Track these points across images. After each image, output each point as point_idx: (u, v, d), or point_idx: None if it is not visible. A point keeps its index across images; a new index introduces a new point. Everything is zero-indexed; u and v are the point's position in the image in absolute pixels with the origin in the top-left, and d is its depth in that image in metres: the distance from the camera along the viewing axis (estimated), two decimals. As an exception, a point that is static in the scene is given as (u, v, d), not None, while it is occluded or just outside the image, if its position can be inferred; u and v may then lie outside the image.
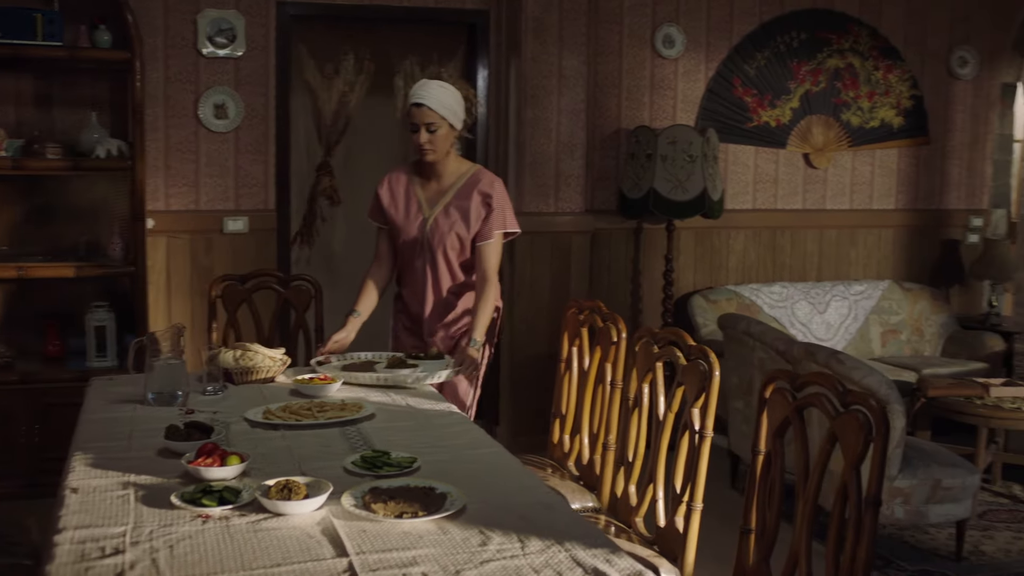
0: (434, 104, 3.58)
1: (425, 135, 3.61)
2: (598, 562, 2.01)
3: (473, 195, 3.71)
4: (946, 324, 6.05)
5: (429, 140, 3.61)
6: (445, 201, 3.73)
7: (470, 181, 3.75)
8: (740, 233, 5.98)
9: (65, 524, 2.11)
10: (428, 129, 3.60)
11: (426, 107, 3.58)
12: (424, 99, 3.58)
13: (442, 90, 3.62)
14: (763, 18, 5.84)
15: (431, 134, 3.61)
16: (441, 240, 3.72)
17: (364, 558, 1.97)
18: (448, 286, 3.77)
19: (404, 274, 3.87)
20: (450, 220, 3.71)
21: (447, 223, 3.71)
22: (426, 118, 3.59)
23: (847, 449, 2.37)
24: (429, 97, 3.59)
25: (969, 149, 6.37)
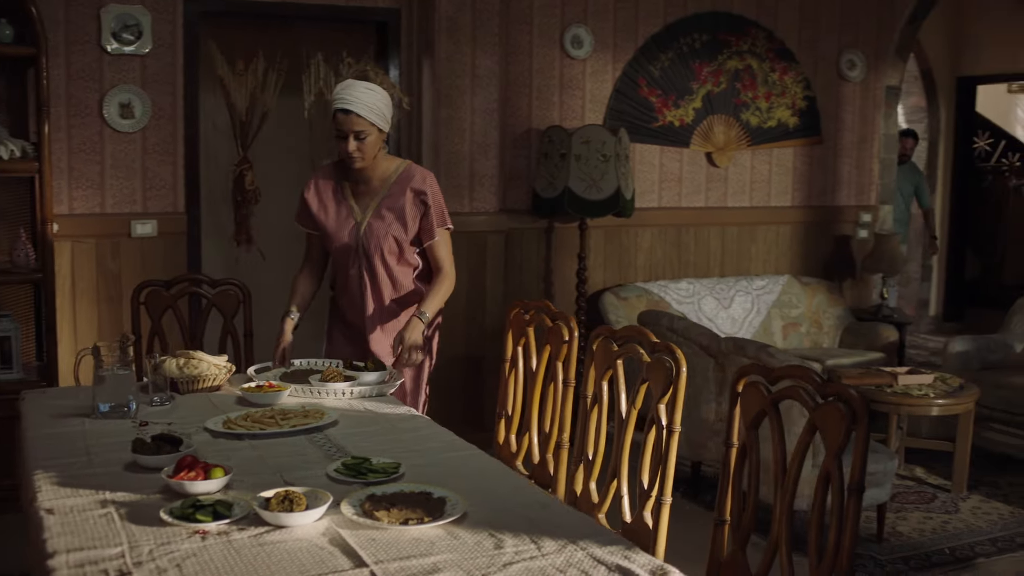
0: (362, 111, 3.36)
1: (353, 143, 3.38)
2: (618, 559, 2.02)
3: (406, 193, 3.54)
4: (842, 316, 6.31)
5: (358, 148, 3.40)
6: (377, 202, 3.56)
7: (401, 178, 3.57)
8: (647, 231, 6.10)
9: (55, 547, 1.99)
10: (357, 137, 3.38)
11: (354, 115, 3.36)
12: (352, 105, 3.35)
13: (369, 93, 3.40)
14: (667, 20, 5.97)
15: (360, 142, 3.39)
16: (377, 245, 3.55)
17: (384, 567, 1.93)
18: (389, 293, 3.61)
19: (339, 281, 3.71)
20: (385, 223, 3.54)
21: (382, 226, 3.54)
22: (355, 126, 3.37)
23: (829, 439, 2.44)
24: (357, 103, 3.36)
25: (858, 148, 6.65)
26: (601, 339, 3.18)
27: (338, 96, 3.39)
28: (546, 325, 3.47)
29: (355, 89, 3.39)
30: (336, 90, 3.43)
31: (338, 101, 3.39)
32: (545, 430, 3.42)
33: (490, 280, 5.44)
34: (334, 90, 3.46)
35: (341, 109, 3.37)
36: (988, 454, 5.41)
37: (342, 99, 3.37)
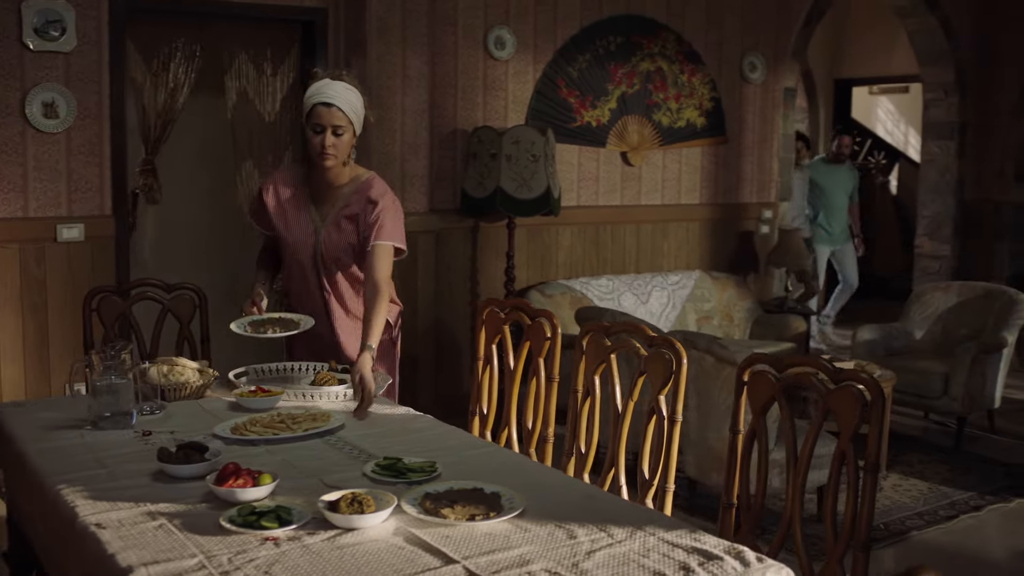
0: (344, 106, 3.32)
1: (331, 138, 3.32)
2: (689, 541, 2.10)
3: (364, 202, 3.47)
4: (751, 309, 6.57)
5: (334, 144, 3.33)
6: (336, 211, 3.47)
7: (361, 188, 3.48)
8: (567, 229, 6.21)
9: (129, 562, 1.93)
10: (335, 132, 3.32)
11: (335, 107, 3.30)
12: (334, 99, 3.30)
13: (349, 92, 3.36)
14: (584, 22, 6.09)
15: (336, 137, 3.33)
16: (335, 256, 3.48)
17: (475, 562, 1.95)
18: (352, 300, 3.54)
19: (296, 290, 3.62)
20: (342, 233, 3.46)
21: (340, 237, 3.46)
22: (335, 119, 3.31)
23: (844, 421, 2.58)
24: (339, 98, 3.31)
25: (759, 147, 6.93)
26: (592, 334, 3.26)
27: (318, 91, 3.34)
28: (524, 323, 3.53)
29: (336, 86, 3.35)
30: (314, 88, 3.37)
31: (317, 95, 3.32)
32: (528, 426, 3.47)
33: (422, 281, 5.45)
34: (309, 89, 3.39)
35: (322, 102, 3.31)
36: (895, 435, 5.73)
37: (323, 93, 3.32)
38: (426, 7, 5.35)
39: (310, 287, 3.57)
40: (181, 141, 5.18)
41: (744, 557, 2.02)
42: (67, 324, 4.73)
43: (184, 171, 5.21)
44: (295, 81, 5.37)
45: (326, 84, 3.36)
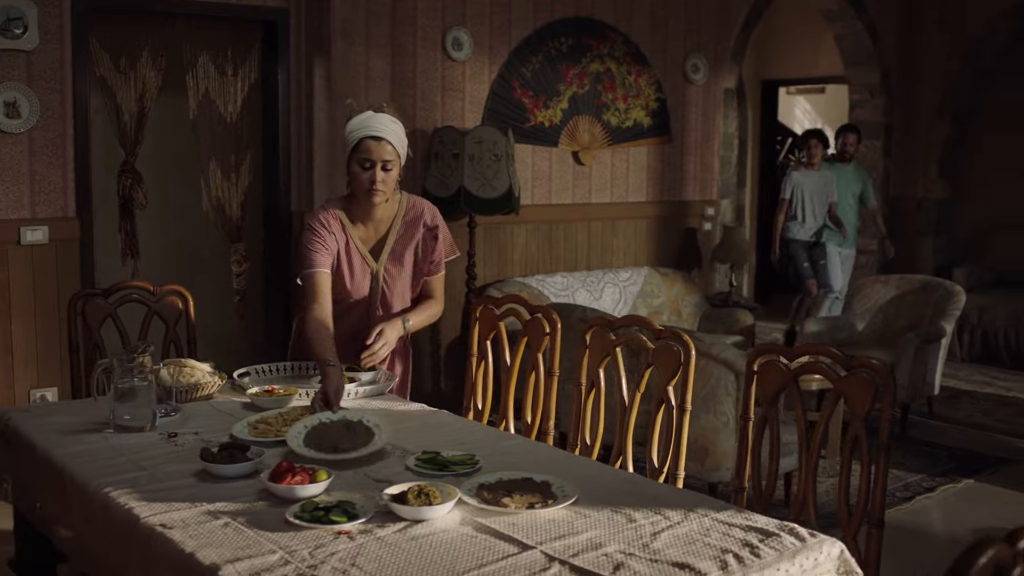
0: (393, 139, 3.22)
1: (380, 173, 3.21)
2: (742, 520, 2.21)
3: (418, 231, 3.44)
4: (699, 304, 6.75)
5: (384, 180, 3.23)
6: (390, 247, 3.41)
7: (410, 216, 3.43)
8: (522, 228, 6.29)
9: (212, 559, 1.95)
10: (384, 167, 3.22)
11: (386, 142, 3.20)
12: (384, 133, 3.20)
13: (395, 125, 3.26)
14: (537, 24, 6.18)
15: (386, 172, 3.22)
16: (394, 290, 3.45)
17: (551, 547, 2.02)
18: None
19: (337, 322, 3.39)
20: (402, 267, 3.43)
21: (400, 271, 3.43)
22: (385, 154, 3.21)
23: (856, 405, 2.73)
24: (387, 131, 3.21)
25: (701, 147, 7.12)
26: (596, 328, 3.35)
27: (364, 124, 3.23)
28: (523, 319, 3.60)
29: (382, 119, 3.24)
30: (358, 120, 3.26)
31: (365, 129, 3.22)
32: (527, 420, 3.54)
33: (385, 280, 5.47)
34: (351, 122, 3.29)
35: (372, 136, 3.21)
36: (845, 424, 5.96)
37: (370, 127, 3.22)
38: (388, 8, 5.38)
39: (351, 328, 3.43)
40: (152, 143, 5.11)
41: (798, 533, 2.14)
42: (32, 328, 4.63)
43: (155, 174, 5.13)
44: (256, 81, 5.34)
45: (371, 117, 3.26)
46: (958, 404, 6.52)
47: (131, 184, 5.04)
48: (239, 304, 5.37)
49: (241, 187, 5.33)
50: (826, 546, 2.11)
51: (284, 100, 5.32)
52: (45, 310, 4.69)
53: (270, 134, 5.35)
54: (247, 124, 5.33)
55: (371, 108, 3.31)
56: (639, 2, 6.63)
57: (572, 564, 1.95)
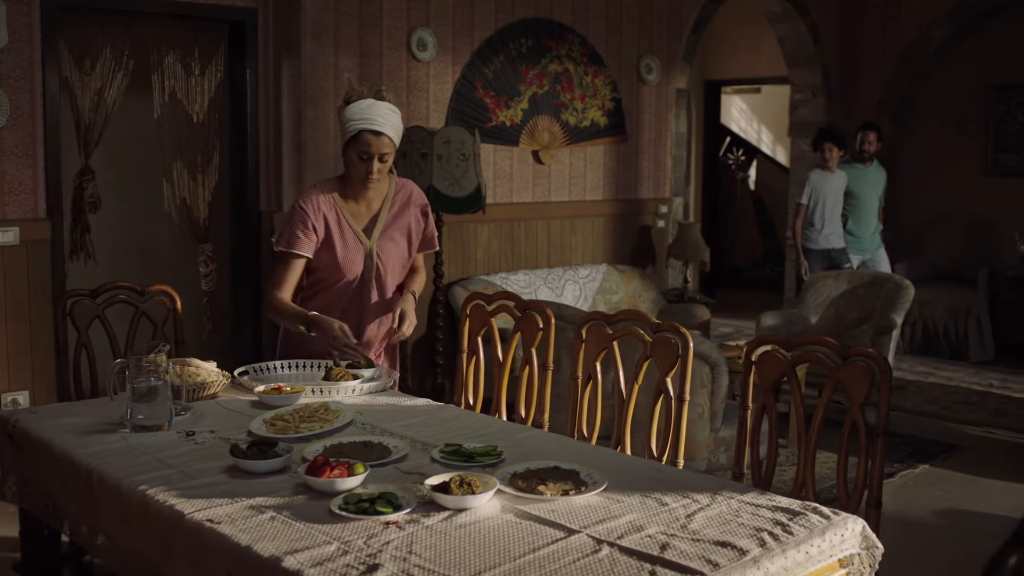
0: (391, 132, 3.31)
1: (377, 164, 3.32)
2: (766, 501, 2.32)
3: (410, 210, 3.55)
4: (656, 300, 6.89)
5: (380, 170, 3.34)
6: (382, 224, 3.49)
7: (401, 196, 3.54)
8: (485, 226, 6.36)
9: (270, 552, 2.00)
10: (381, 159, 3.32)
11: (386, 137, 3.29)
12: (383, 127, 3.28)
13: (393, 115, 3.34)
14: (498, 24, 6.26)
15: (382, 163, 3.33)
16: (388, 266, 3.52)
17: (595, 530, 2.11)
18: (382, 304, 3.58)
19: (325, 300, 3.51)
20: (395, 244, 3.51)
21: (393, 248, 3.51)
22: (383, 148, 3.30)
23: (854, 392, 2.86)
24: (387, 124, 3.29)
25: (654, 146, 7.27)
26: (592, 323, 3.44)
27: (363, 116, 3.28)
28: (515, 315, 3.68)
29: (381, 108, 3.30)
30: (357, 108, 3.30)
31: (365, 121, 3.27)
32: (521, 413, 3.61)
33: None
34: (350, 107, 3.32)
35: (372, 130, 3.27)
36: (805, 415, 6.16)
37: (370, 120, 3.27)
38: (357, 9, 5.41)
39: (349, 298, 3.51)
40: (113, 143, 5.05)
41: (822, 512, 2.26)
42: (2, 331, 4.57)
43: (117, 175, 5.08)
44: (223, 81, 5.32)
45: (371, 106, 3.30)
46: (905, 394, 6.77)
47: (86, 186, 4.98)
48: (207, 305, 5.35)
49: (208, 187, 5.31)
50: (849, 523, 2.23)
51: (252, 100, 5.31)
52: (16, 312, 4.63)
53: (238, 134, 5.34)
54: (214, 124, 5.32)
55: (371, 93, 3.36)
56: (595, 4, 6.76)
57: (620, 546, 2.03)
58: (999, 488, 5.03)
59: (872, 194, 7.34)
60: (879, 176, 7.47)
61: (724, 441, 4.65)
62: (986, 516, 4.70)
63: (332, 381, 3.26)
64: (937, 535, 4.40)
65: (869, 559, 2.25)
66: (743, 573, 1.93)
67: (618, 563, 1.95)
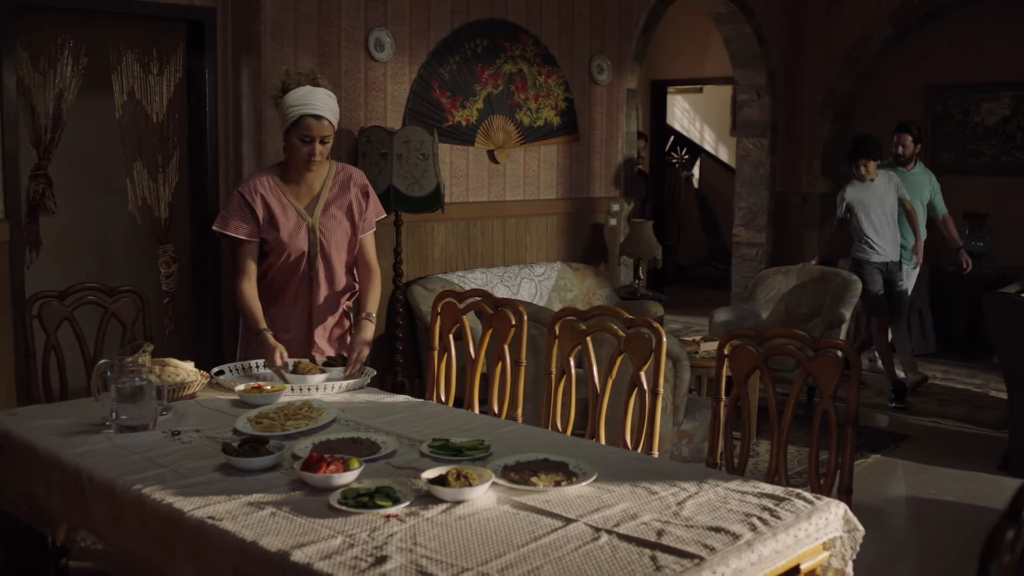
0: (331, 116, 3.54)
1: (319, 147, 3.54)
2: (751, 488, 2.41)
3: (351, 189, 3.73)
4: (609, 297, 6.99)
5: (321, 152, 3.56)
6: (323, 202, 3.68)
7: (340, 176, 3.74)
8: (442, 225, 6.40)
9: (277, 546, 2.04)
10: (322, 141, 3.54)
11: (326, 120, 3.52)
12: (323, 111, 3.51)
13: (330, 99, 3.58)
14: (454, 25, 6.29)
15: (323, 146, 3.55)
16: (331, 244, 3.67)
17: (592, 518, 2.18)
18: (333, 290, 3.73)
19: (274, 286, 3.69)
20: (336, 221, 3.68)
21: (335, 224, 3.67)
22: (324, 131, 3.53)
23: (825, 383, 2.97)
24: (326, 108, 3.52)
25: (606, 145, 7.37)
26: (565, 319, 3.51)
27: (303, 101, 3.48)
28: (486, 312, 3.73)
29: (320, 94, 3.51)
30: (296, 95, 3.50)
31: (306, 107, 3.48)
32: (494, 409, 3.67)
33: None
34: (290, 95, 3.52)
35: (313, 115, 3.49)
36: (755, 407, 6.30)
37: (311, 105, 3.47)
38: (315, 8, 5.41)
39: (298, 281, 3.67)
40: (71, 144, 5.00)
41: (805, 497, 2.35)
42: (-38, 335, 4.50)
43: (75, 175, 5.03)
44: (182, 81, 5.29)
45: (310, 92, 3.51)
46: (853, 386, 6.93)
47: (41, 188, 4.92)
48: (168, 306, 5.32)
49: (169, 187, 5.28)
50: (832, 507, 2.33)
51: (211, 100, 5.29)
52: (-24, 315, 4.56)
53: (197, 134, 5.31)
54: (174, 124, 5.28)
55: (308, 81, 3.56)
56: (548, 5, 6.83)
57: (619, 533, 2.10)
58: (948, 475, 5.21)
59: (915, 199, 6.89)
60: (922, 179, 7.05)
61: (686, 434, 4.75)
62: (938, 502, 4.87)
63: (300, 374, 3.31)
64: (894, 521, 4.55)
65: (851, 541, 2.35)
66: (739, 556, 2.01)
67: (619, 549, 2.02)
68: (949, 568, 4.09)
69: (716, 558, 1.98)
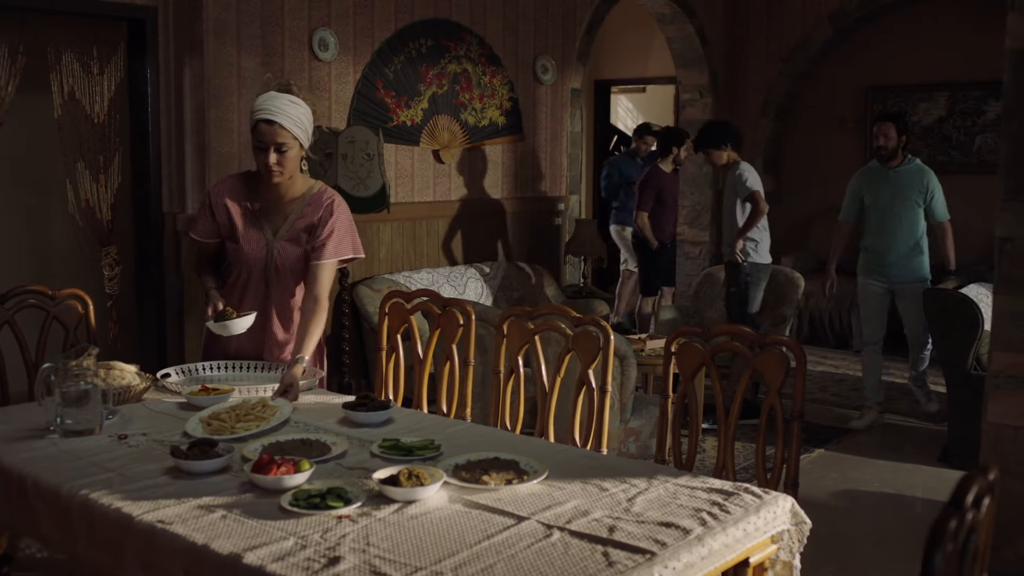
0: (287, 123, 3.29)
1: (274, 156, 3.30)
2: (700, 484, 2.44)
3: (318, 215, 3.48)
4: (556, 296, 7.02)
5: (278, 161, 3.32)
6: (289, 224, 3.48)
7: (314, 200, 3.49)
8: (387, 225, 6.38)
9: (228, 549, 2.03)
10: (278, 149, 3.30)
11: (278, 125, 3.27)
12: (275, 116, 3.27)
13: (293, 106, 3.32)
14: (398, 25, 6.28)
15: (280, 154, 3.31)
16: (288, 267, 3.50)
17: (543, 516, 2.20)
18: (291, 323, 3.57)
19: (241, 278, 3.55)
20: (298, 245, 3.49)
21: (294, 249, 3.48)
22: (278, 137, 3.28)
23: (771, 378, 3.02)
24: (281, 114, 3.28)
25: (551, 144, 7.40)
26: (513, 318, 3.52)
27: (260, 107, 3.30)
28: (434, 312, 3.73)
29: (279, 100, 3.30)
30: (258, 101, 3.34)
31: (261, 112, 3.29)
32: (443, 408, 3.66)
33: (260, 280, 5.46)
34: (255, 101, 3.36)
35: (264, 119, 3.28)
36: (698, 403, 6.37)
37: (265, 109, 3.28)
38: (259, 7, 5.37)
39: (254, 297, 3.54)
40: (6, 144, 4.90)
41: (753, 491, 2.39)
42: None
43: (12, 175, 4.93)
44: (123, 81, 5.22)
45: (269, 98, 3.31)
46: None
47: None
48: (112, 309, 5.24)
49: (111, 188, 5.20)
50: (780, 500, 2.37)
51: (153, 100, 5.22)
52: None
53: (139, 134, 5.24)
54: (115, 124, 5.21)
55: (276, 86, 3.39)
56: (492, 4, 6.84)
57: (570, 530, 2.12)
58: (890, 468, 5.32)
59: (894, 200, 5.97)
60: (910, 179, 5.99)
61: (633, 431, 4.79)
62: (880, 495, 4.97)
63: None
64: (837, 514, 4.63)
65: (798, 534, 2.39)
66: (689, 551, 2.04)
67: (571, 546, 2.04)
68: (889, 558, 4.18)
69: (667, 553, 2.01)
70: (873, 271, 6.12)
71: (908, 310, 6.07)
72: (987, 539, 1.75)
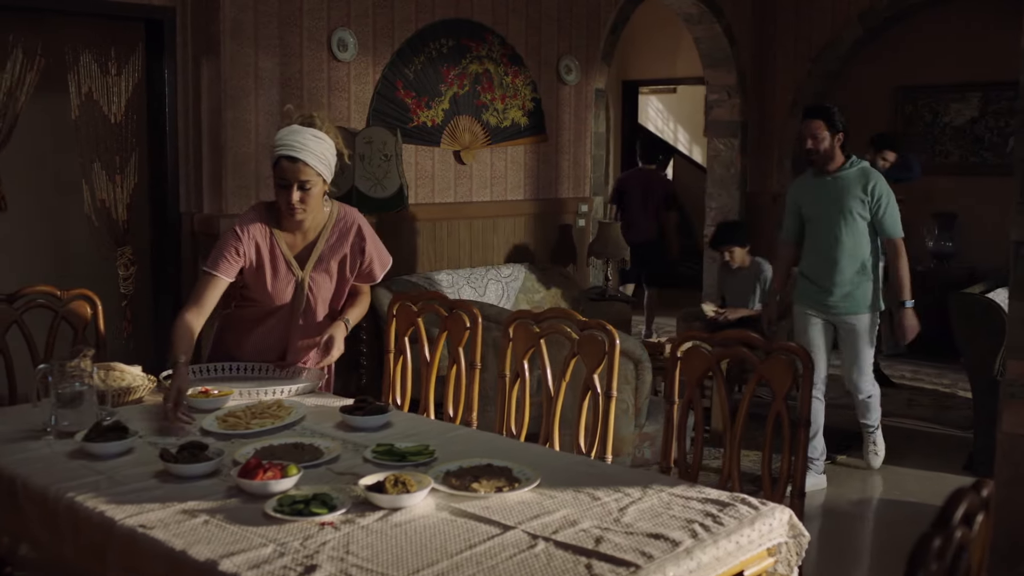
0: (311, 159, 3.17)
1: (297, 194, 3.18)
2: (696, 494, 2.38)
3: (348, 242, 3.43)
4: (577, 298, 6.95)
5: (301, 199, 3.20)
6: (317, 255, 3.39)
7: (339, 227, 3.42)
8: (407, 226, 6.36)
9: (206, 555, 2.00)
10: (301, 187, 3.18)
11: (302, 163, 3.15)
12: (299, 152, 3.15)
13: (317, 142, 3.21)
14: (419, 25, 6.25)
15: (304, 192, 3.19)
16: (319, 299, 3.44)
17: (530, 526, 2.14)
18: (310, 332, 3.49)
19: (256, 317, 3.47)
20: (328, 276, 3.42)
21: (326, 281, 3.42)
22: (301, 175, 3.16)
23: (778, 384, 2.94)
24: (304, 150, 3.16)
25: (574, 145, 7.34)
26: (519, 322, 3.47)
27: (283, 142, 3.19)
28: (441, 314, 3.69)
29: (302, 135, 3.19)
30: (279, 135, 3.23)
31: (283, 148, 3.18)
32: (449, 412, 3.62)
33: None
34: (277, 134, 3.25)
35: (287, 156, 3.16)
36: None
37: (288, 145, 3.17)
38: (276, 8, 5.36)
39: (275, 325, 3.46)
40: (24, 143, 4.93)
41: (750, 502, 2.32)
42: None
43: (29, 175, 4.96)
44: (141, 81, 5.23)
45: (292, 132, 3.20)
46: (821, 386, 6.93)
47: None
48: (126, 309, 5.25)
49: (127, 189, 5.22)
50: (777, 512, 2.30)
51: (171, 100, 5.23)
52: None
53: (157, 135, 5.25)
54: (133, 124, 5.22)
55: (299, 119, 3.27)
56: (515, 5, 6.79)
57: (556, 540, 2.07)
58: (913, 476, 5.21)
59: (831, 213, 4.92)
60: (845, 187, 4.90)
61: (648, 436, 4.72)
62: (903, 503, 4.86)
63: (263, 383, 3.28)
64: (857, 523, 4.54)
65: (796, 547, 2.32)
66: (677, 564, 1.98)
67: (554, 558, 1.98)
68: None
69: (653, 566, 1.95)
70: (810, 301, 5.04)
71: (849, 349, 5.00)
72: (982, 558, 1.67)
